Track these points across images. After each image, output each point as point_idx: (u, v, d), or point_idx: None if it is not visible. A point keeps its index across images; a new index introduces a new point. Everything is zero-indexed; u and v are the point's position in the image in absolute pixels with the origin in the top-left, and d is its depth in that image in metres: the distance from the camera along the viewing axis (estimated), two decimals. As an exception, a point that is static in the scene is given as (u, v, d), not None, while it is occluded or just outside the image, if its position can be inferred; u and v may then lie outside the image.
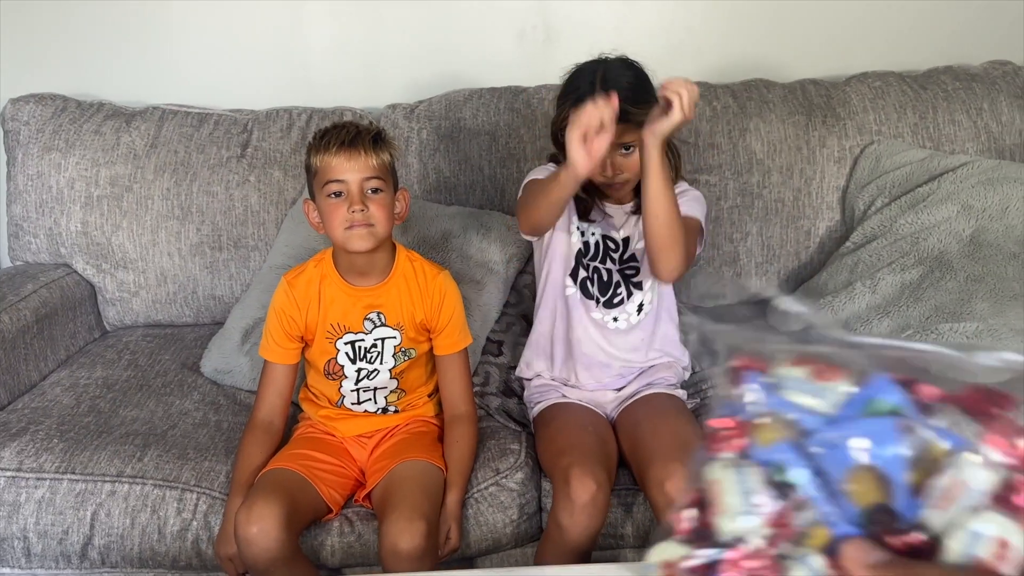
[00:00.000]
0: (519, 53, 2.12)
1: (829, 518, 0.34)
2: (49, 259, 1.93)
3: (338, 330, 1.42)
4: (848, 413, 0.34)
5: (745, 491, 0.33)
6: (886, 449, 0.34)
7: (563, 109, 1.43)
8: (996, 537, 0.30)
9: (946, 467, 0.32)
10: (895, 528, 0.34)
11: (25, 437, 1.46)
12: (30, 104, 1.93)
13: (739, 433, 0.34)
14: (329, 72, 2.11)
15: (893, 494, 0.34)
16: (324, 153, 1.33)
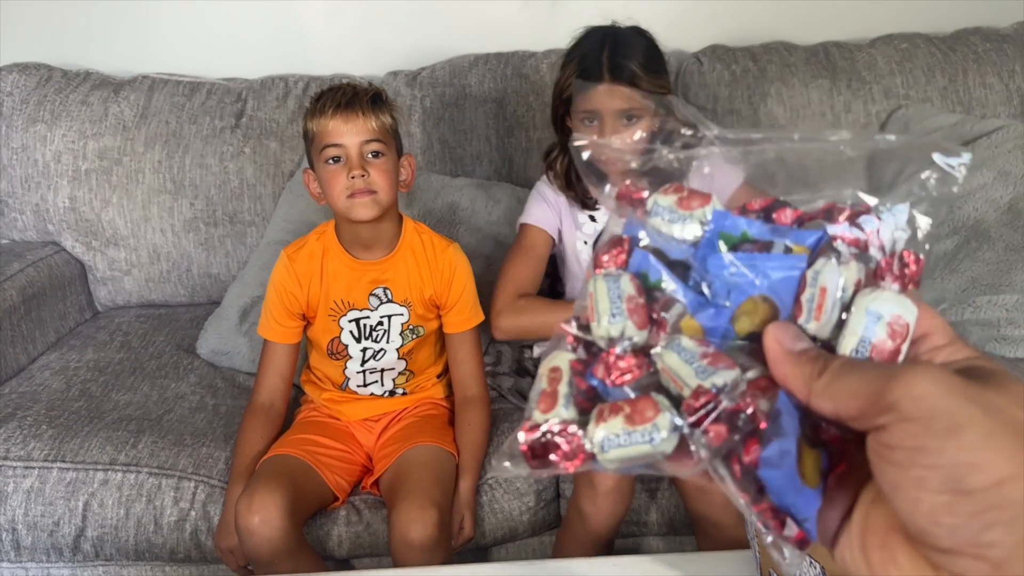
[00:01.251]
0: (524, 16, 2.02)
1: (697, 311, 0.32)
2: (36, 237, 1.84)
3: (342, 307, 1.35)
4: (705, 252, 0.33)
5: (617, 296, 0.33)
6: (770, 273, 0.32)
7: (567, 72, 1.38)
8: (884, 318, 0.30)
9: (807, 282, 0.31)
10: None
11: (12, 423, 1.39)
12: (13, 74, 1.84)
13: (620, 250, 0.34)
14: (326, 38, 2.02)
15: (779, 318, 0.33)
16: (320, 117, 1.25)
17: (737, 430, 0.29)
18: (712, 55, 1.87)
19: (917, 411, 0.26)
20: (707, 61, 1.85)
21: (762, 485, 0.29)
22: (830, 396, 0.28)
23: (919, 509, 0.26)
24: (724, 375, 0.30)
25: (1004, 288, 1.44)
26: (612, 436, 0.31)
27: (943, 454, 0.25)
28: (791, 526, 0.30)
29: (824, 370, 0.29)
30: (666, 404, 0.31)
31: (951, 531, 0.25)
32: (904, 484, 0.26)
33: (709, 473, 0.31)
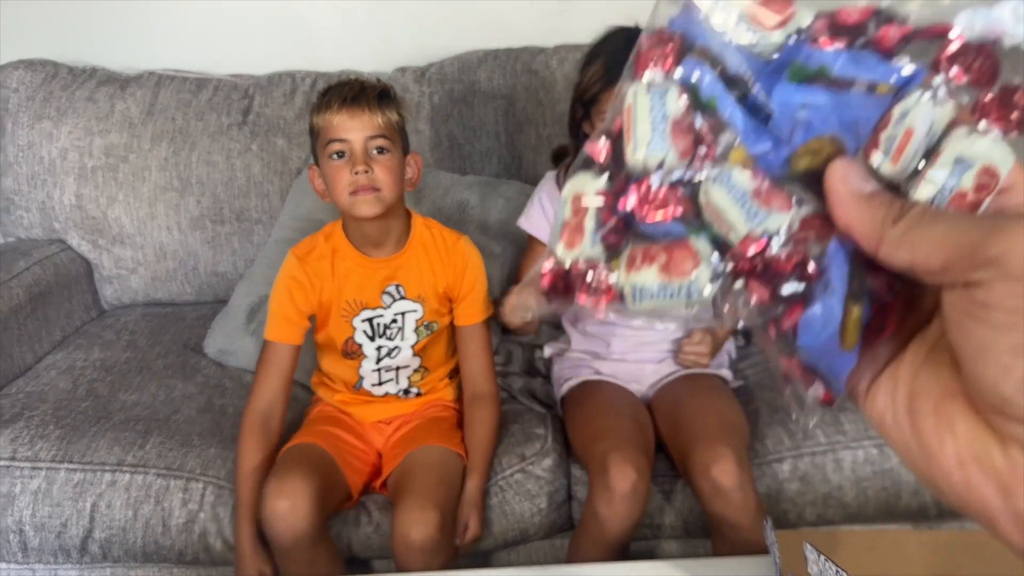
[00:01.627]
0: (534, 11, 2.00)
1: (755, 144, 0.28)
2: (42, 234, 1.83)
3: (354, 307, 1.33)
4: (772, 79, 0.28)
5: (661, 116, 0.28)
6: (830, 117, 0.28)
7: (590, 72, 1.34)
8: (975, 167, 0.26)
9: (892, 119, 0.27)
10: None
11: (19, 423, 1.38)
12: (19, 70, 1.82)
13: (670, 50, 0.28)
14: (334, 33, 2.00)
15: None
16: (326, 111, 1.23)
17: (780, 296, 0.27)
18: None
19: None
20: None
21: (796, 347, 0.27)
22: (909, 244, 0.25)
23: (1011, 377, 0.23)
24: (778, 218, 0.27)
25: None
26: (645, 287, 0.28)
27: None
28: (818, 386, 0.28)
29: (901, 215, 0.26)
30: (707, 252, 0.27)
31: None
32: (998, 348, 0.23)
33: (752, 324, 0.29)
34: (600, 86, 1.31)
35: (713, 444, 1.19)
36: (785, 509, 1.29)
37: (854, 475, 1.28)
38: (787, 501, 1.29)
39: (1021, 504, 0.24)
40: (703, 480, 1.18)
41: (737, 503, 1.16)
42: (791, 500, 1.29)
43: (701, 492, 1.19)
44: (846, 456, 1.28)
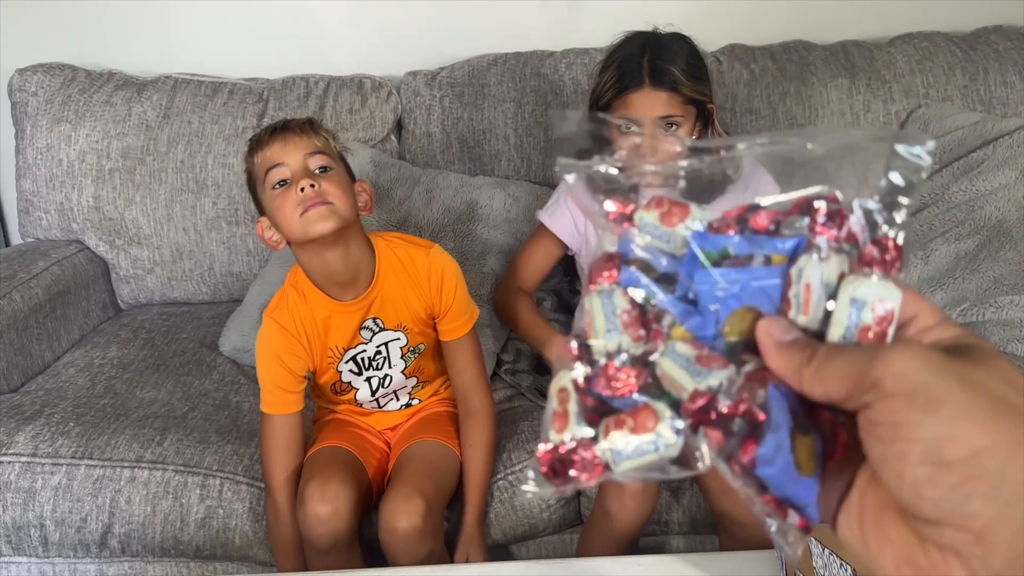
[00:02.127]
0: (543, 15, 2.02)
1: (686, 320, 0.34)
2: (61, 235, 1.86)
3: (337, 352, 1.28)
4: (690, 268, 0.35)
5: (611, 311, 0.35)
6: (755, 282, 0.34)
7: (605, 78, 1.35)
8: (868, 304, 0.31)
9: (792, 279, 0.33)
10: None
11: (40, 420, 1.41)
12: (38, 74, 1.86)
13: (612, 266, 0.36)
14: (347, 38, 2.03)
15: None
16: (258, 150, 1.18)
17: (732, 434, 0.30)
18: (731, 54, 1.87)
19: (898, 387, 0.27)
20: (726, 60, 1.85)
21: (761, 482, 0.31)
22: (820, 380, 0.29)
23: (903, 482, 0.27)
24: (718, 375, 0.31)
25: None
26: (620, 449, 0.32)
27: (922, 427, 0.26)
28: (793, 515, 0.31)
29: (813, 356, 0.30)
30: (665, 411, 0.32)
31: (934, 503, 0.26)
32: (888, 458, 0.27)
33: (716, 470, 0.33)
34: (614, 92, 1.31)
35: None
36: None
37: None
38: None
39: None
40: (710, 478, 1.19)
41: (743, 500, 1.18)
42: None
43: (708, 489, 1.21)
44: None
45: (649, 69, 1.28)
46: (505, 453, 1.36)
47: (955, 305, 1.48)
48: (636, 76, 1.29)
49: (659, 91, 1.28)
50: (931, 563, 0.28)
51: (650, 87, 1.28)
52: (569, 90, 1.84)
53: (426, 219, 1.73)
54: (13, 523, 1.33)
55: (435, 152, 1.87)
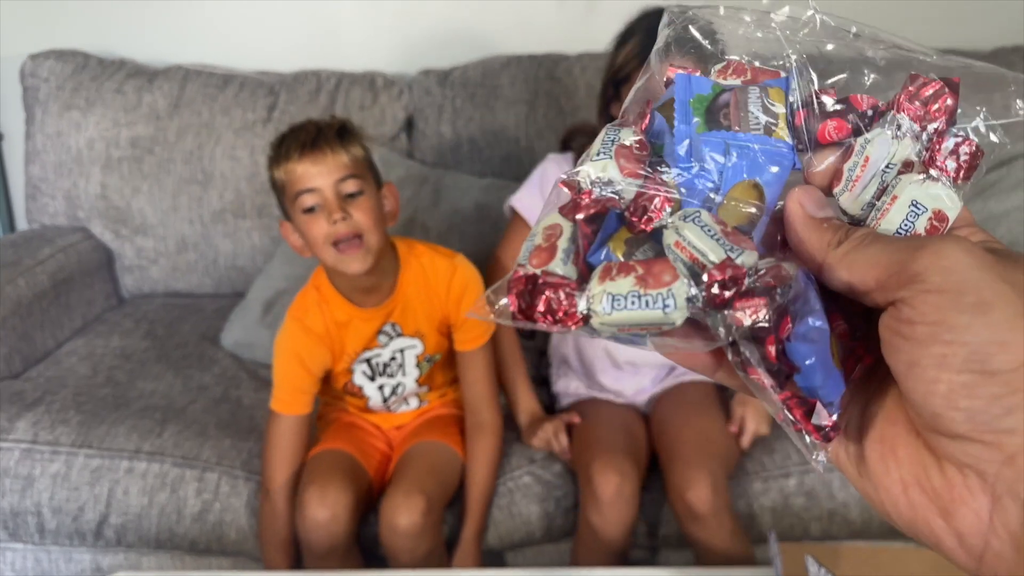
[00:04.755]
0: (559, 18, 2.01)
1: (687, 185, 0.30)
2: (66, 222, 1.86)
3: (353, 355, 1.29)
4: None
5: (611, 140, 0.31)
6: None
7: (625, 50, 1.30)
8: (928, 212, 0.28)
9: (855, 150, 0.29)
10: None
11: (40, 408, 1.41)
12: (50, 60, 1.85)
13: (645, 113, 0.32)
14: (360, 34, 2.02)
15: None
16: (286, 162, 1.15)
17: (774, 304, 0.27)
18: (746, 64, 1.86)
19: (945, 283, 0.24)
20: (740, 70, 1.84)
21: (788, 371, 0.27)
22: (847, 265, 0.27)
23: (936, 390, 0.24)
24: (750, 256, 0.28)
25: (1035, 312, 1.42)
26: (620, 296, 0.28)
27: (969, 330, 0.24)
28: (820, 412, 0.27)
29: (844, 239, 0.27)
30: (684, 271, 0.28)
31: (968, 415, 0.24)
32: (923, 362, 0.24)
33: (718, 355, 0.29)
34: (636, 63, 1.27)
35: (689, 467, 1.18)
36: (791, 523, 1.31)
37: (859, 492, 1.29)
38: (792, 516, 1.30)
39: (960, 524, 0.25)
40: (678, 503, 1.19)
41: (711, 528, 1.17)
42: (796, 515, 1.30)
43: (677, 514, 1.21)
44: (852, 473, 1.29)
45: (676, 37, 1.26)
46: (505, 459, 1.35)
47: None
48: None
49: (687, 59, 1.25)
50: (947, 484, 0.25)
51: (677, 55, 1.25)
52: (583, 94, 1.83)
53: (433, 219, 1.72)
54: (11, 509, 1.33)
55: (445, 152, 1.86)
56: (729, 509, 1.20)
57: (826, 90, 0.31)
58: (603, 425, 1.31)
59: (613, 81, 1.32)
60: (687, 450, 1.22)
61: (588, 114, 1.81)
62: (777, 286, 0.27)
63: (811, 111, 0.30)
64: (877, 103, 0.30)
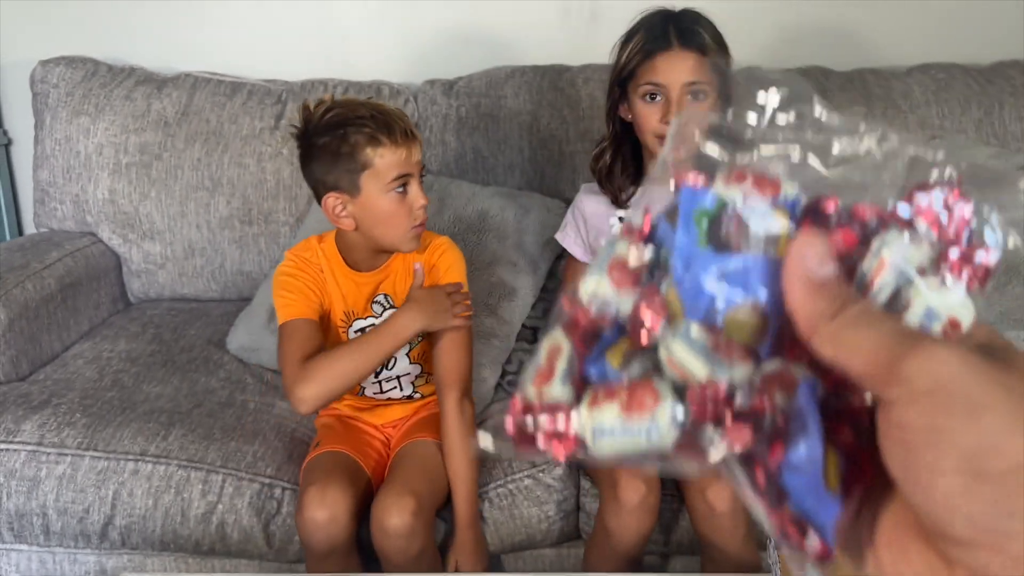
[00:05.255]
0: (563, 30, 2.04)
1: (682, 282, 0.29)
2: (74, 227, 1.88)
3: (348, 318, 1.34)
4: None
5: (607, 255, 0.30)
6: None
7: (630, 46, 1.32)
8: (943, 319, 0.27)
9: (871, 251, 0.28)
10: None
11: (47, 410, 1.42)
12: (60, 66, 1.88)
13: (647, 217, 0.31)
14: (366, 44, 2.05)
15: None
16: (385, 145, 1.18)
17: (761, 431, 0.26)
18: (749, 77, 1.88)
19: (935, 387, 0.24)
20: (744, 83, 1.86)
21: (783, 492, 0.27)
22: (835, 343, 0.26)
23: (934, 495, 0.24)
24: (741, 369, 0.27)
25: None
26: (604, 426, 0.27)
27: (961, 435, 0.23)
28: (812, 537, 0.27)
29: (840, 311, 0.26)
30: (667, 392, 0.27)
31: (969, 519, 0.23)
32: (917, 467, 0.24)
33: (719, 471, 0.28)
34: (640, 58, 1.29)
35: None
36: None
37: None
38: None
39: None
40: (698, 500, 1.20)
41: (726, 528, 1.18)
42: (795, 521, 1.31)
43: (694, 511, 1.21)
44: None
45: (677, 31, 1.27)
46: (505, 462, 1.36)
47: (961, 337, 1.48)
48: (664, 39, 1.27)
49: (688, 51, 1.26)
50: None
51: (679, 47, 1.26)
52: (585, 105, 1.85)
53: (437, 227, 1.73)
54: (16, 510, 1.34)
55: (449, 160, 1.88)
56: (746, 511, 1.21)
57: (829, 198, 0.30)
58: None
59: (618, 81, 1.34)
60: None
61: (591, 124, 1.83)
62: (765, 412, 0.26)
63: (815, 221, 0.30)
64: (882, 211, 0.30)
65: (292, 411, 1.49)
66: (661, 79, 1.27)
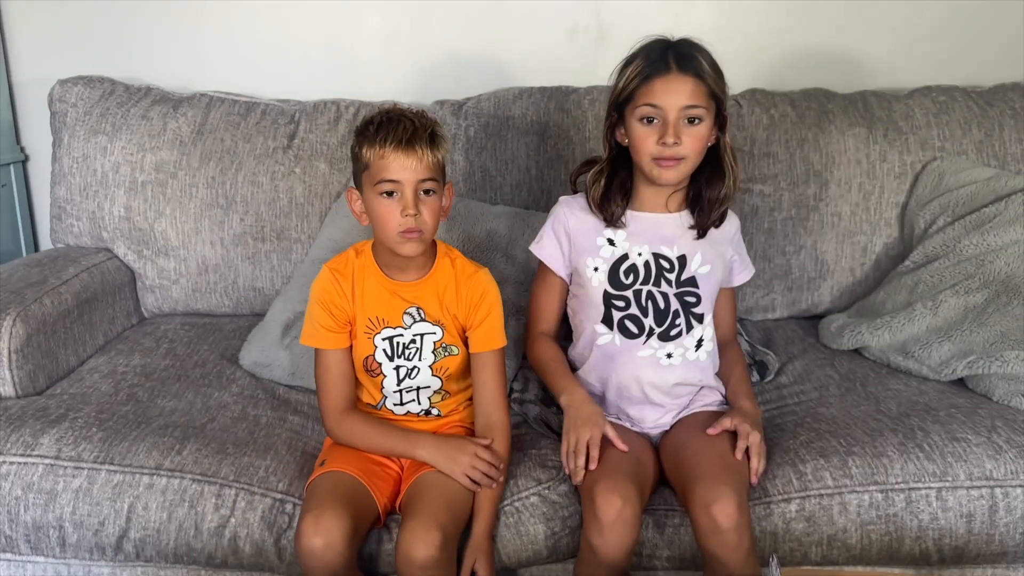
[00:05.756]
0: (570, 52, 2.08)
1: None
2: (91, 243, 1.92)
3: (376, 324, 1.39)
4: None
5: None
6: None
7: (628, 71, 1.35)
8: None
9: None
10: None
11: (64, 424, 1.45)
12: (78, 86, 1.92)
13: None
14: (378, 65, 2.09)
15: None
16: (379, 147, 1.27)
17: None
18: (752, 98, 1.91)
19: None
20: (747, 104, 1.90)
21: None
22: None
23: None
24: None
25: (1032, 344, 1.46)
26: None
27: None
28: None
29: None
30: None
31: None
32: None
33: None
34: (639, 81, 1.32)
35: (716, 483, 1.22)
36: (791, 548, 1.34)
37: (859, 518, 1.32)
38: (793, 540, 1.33)
39: None
40: (702, 516, 1.21)
41: (731, 543, 1.19)
42: (797, 539, 1.33)
43: (698, 527, 1.23)
44: (852, 500, 1.32)
45: (675, 57, 1.31)
46: (512, 480, 1.39)
47: (962, 357, 1.51)
48: (663, 63, 1.31)
49: (686, 76, 1.30)
50: None
51: (677, 72, 1.30)
52: (591, 126, 1.88)
53: (446, 245, 1.77)
54: (33, 523, 1.37)
55: (458, 180, 1.91)
56: (749, 528, 1.23)
57: None
58: (611, 449, 1.34)
59: (616, 104, 1.38)
60: (712, 469, 1.26)
61: (596, 145, 1.86)
62: None
63: None
64: None
65: (303, 426, 1.53)
66: (658, 102, 1.31)
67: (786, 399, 1.59)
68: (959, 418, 1.42)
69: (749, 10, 2.06)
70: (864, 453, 1.35)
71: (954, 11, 2.03)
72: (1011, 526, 1.31)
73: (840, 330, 1.70)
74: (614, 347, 1.43)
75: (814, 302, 1.89)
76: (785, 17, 2.05)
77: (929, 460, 1.34)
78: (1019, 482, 1.31)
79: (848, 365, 1.67)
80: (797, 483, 1.34)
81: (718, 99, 1.34)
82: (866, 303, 1.75)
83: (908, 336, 1.58)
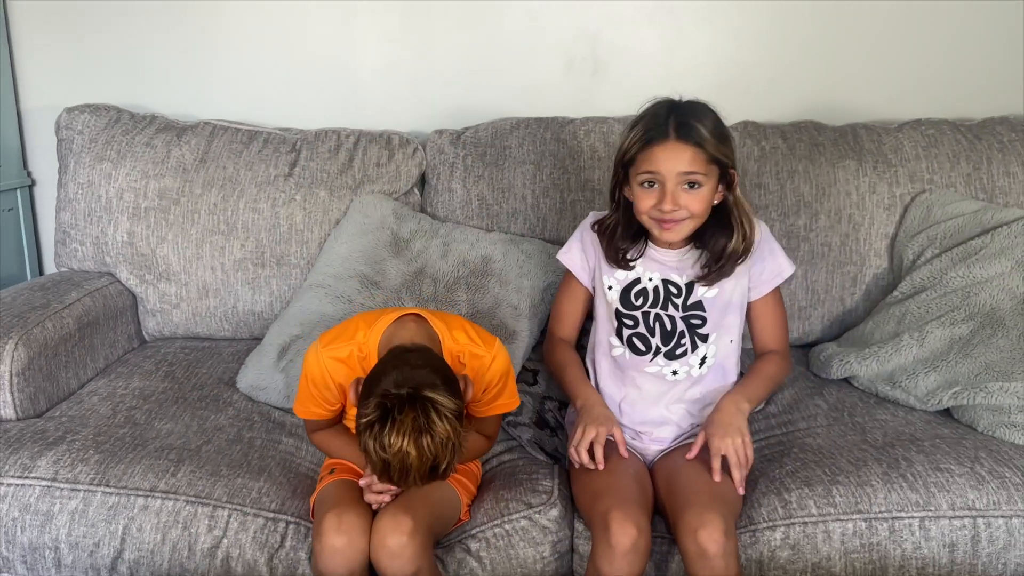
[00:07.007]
0: (567, 84, 2.12)
1: None
2: (94, 267, 1.95)
3: None
4: None
5: None
6: None
7: (631, 135, 1.39)
8: None
9: None
10: None
11: (62, 447, 1.47)
12: (85, 114, 1.97)
13: None
14: (378, 95, 2.14)
15: None
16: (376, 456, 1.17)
17: None
18: (743, 130, 1.95)
19: None
20: (738, 136, 1.93)
21: None
22: None
23: None
24: None
25: (1016, 376, 1.47)
26: None
27: None
28: None
29: None
30: None
31: None
32: None
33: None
34: (639, 146, 1.35)
35: (704, 510, 1.23)
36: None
37: (843, 547, 1.33)
38: (777, 568, 1.34)
39: None
40: (690, 542, 1.23)
41: (718, 570, 1.21)
42: (781, 567, 1.34)
43: (686, 553, 1.24)
44: (836, 528, 1.33)
45: (675, 124, 1.33)
46: (503, 503, 1.40)
47: (947, 388, 1.52)
48: (662, 130, 1.33)
49: (684, 144, 1.32)
50: None
51: (675, 140, 1.32)
52: (587, 156, 1.92)
53: (442, 270, 1.80)
54: (30, 544, 1.39)
55: (455, 207, 1.95)
56: (736, 556, 1.24)
57: None
58: (619, 474, 1.36)
59: (621, 163, 1.41)
60: (701, 497, 1.27)
61: (591, 174, 1.90)
62: None
63: None
64: None
65: (297, 448, 1.55)
66: (656, 168, 1.34)
67: (774, 428, 1.61)
68: (943, 448, 1.44)
69: (742, 44, 2.10)
70: (848, 482, 1.37)
71: (944, 46, 2.07)
72: (993, 556, 1.32)
73: (829, 359, 1.72)
74: (624, 360, 1.49)
75: (805, 331, 1.91)
76: (777, 51, 2.09)
77: (912, 490, 1.35)
78: (1000, 513, 1.33)
79: (837, 394, 1.69)
80: (782, 511, 1.36)
81: (721, 162, 1.36)
82: (855, 333, 1.77)
83: (895, 366, 1.60)
